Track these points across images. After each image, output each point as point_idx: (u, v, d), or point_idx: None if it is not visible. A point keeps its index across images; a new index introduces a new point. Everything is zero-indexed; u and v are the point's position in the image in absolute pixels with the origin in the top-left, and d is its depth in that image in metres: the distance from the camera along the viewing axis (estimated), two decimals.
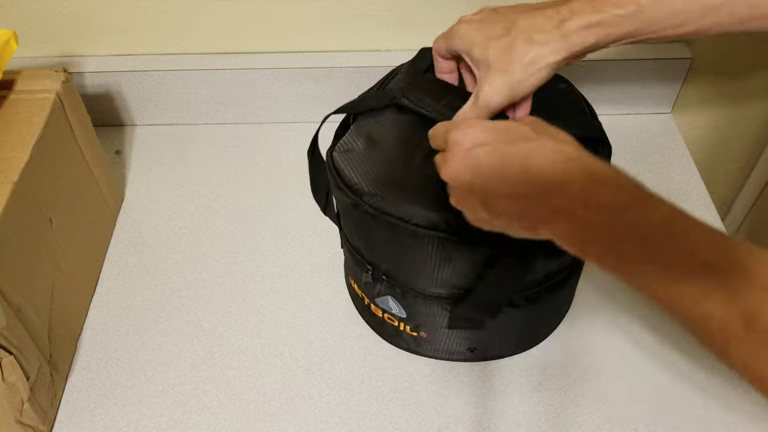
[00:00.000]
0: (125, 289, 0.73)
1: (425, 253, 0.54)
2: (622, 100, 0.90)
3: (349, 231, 0.61)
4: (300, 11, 0.82)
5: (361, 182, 0.54)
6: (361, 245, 0.60)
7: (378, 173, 0.55)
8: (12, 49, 0.63)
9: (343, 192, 0.55)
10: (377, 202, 0.53)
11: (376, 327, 0.68)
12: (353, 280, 0.67)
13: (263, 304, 0.71)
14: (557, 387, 0.65)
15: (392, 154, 0.57)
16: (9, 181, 0.56)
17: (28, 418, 0.59)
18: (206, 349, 0.68)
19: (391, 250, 0.57)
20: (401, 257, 0.57)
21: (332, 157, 0.57)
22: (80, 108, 0.70)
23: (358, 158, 0.56)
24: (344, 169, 0.56)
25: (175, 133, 0.90)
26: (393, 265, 0.58)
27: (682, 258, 0.35)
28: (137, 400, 0.64)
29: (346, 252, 0.65)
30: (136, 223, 0.79)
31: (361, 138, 0.58)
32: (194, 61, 0.85)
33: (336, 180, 0.56)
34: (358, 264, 0.62)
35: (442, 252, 0.53)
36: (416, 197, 0.53)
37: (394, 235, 0.54)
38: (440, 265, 0.55)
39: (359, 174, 0.55)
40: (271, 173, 0.84)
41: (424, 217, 0.52)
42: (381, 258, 0.59)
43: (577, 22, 0.47)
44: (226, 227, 0.78)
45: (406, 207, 0.52)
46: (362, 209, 0.54)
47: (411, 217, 0.52)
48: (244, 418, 0.63)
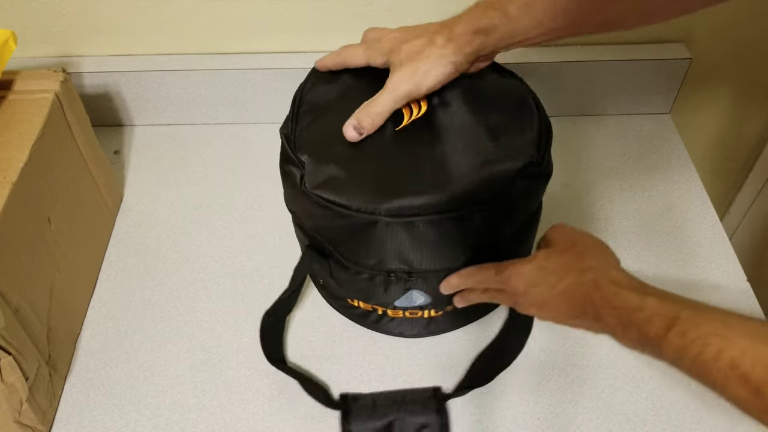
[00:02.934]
0: (124, 289, 0.73)
1: (445, 230, 0.55)
2: (621, 100, 0.90)
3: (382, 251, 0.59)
4: (300, 11, 0.82)
5: (354, 201, 0.54)
6: (381, 258, 0.59)
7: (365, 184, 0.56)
8: (11, 49, 0.63)
9: (352, 216, 0.55)
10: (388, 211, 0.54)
11: (394, 330, 0.68)
12: (359, 301, 0.65)
13: (262, 304, 0.71)
14: (556, 387, 0.65)
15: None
16: (8, 182, 0.56)
17: (27, 418, 0.59)
18: (205, 349, 0.68)
19: (415, 246, 0.56)
20: (423, 248, 0.56)
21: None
22: (79, 108, 0.69)
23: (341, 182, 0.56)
24: (336, 199, 0.55)
25: (175, 133, 0.90)
26: (418, 258, 0.58)
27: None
28: (136, 400, 0.64)
29: (349, 277, 0.62)
30: (135, 223, 0.79)
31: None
32: (193, 61, 0.85)
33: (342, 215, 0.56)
34: (371, 282, 0.61)
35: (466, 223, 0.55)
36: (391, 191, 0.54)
37: (414, 231, 0.54)
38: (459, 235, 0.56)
39: (349, 195, 0.55)
40: (271, 173, 0.84)
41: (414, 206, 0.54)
42: (404, 259, 0.58)
43: (462, 28, 0.57)
44: (225, 227, 0.78)
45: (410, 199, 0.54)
46: (382, 223, 0.54)
47: (418, 210, 0.53)
48: (243, 418, 0.63)
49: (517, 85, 0.63)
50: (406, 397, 0.61)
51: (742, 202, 1.08)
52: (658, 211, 0.80)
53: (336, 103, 0.61)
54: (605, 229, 0.78)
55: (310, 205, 0.57)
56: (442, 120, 0.59)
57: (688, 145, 0.88)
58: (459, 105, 0.60)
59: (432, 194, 0.54)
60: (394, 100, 0.58)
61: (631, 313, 0.44)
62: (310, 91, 0.63)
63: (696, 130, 0.97)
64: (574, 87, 0.87)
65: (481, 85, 0.62)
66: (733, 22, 0.85)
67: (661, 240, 0.77)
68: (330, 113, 0.60)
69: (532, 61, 0.84)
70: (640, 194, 0.81)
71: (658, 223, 0.79)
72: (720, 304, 0.71)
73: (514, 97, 0.62)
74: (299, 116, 0.61)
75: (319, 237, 0.60)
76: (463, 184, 0.54)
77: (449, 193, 0.54)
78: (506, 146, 0.57)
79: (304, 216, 0.61)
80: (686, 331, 0.40)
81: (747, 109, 0.95)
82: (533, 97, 0.62)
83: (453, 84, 0.60)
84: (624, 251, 0.76)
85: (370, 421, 0.59)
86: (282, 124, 0.62)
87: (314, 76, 0.65)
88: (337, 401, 0.61)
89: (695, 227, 0.78)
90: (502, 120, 0.59)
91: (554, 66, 0.85)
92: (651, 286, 0.47)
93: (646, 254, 0.75)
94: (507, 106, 0.61)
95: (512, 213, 0.58)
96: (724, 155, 1.02)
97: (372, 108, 0.58)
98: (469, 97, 0.60)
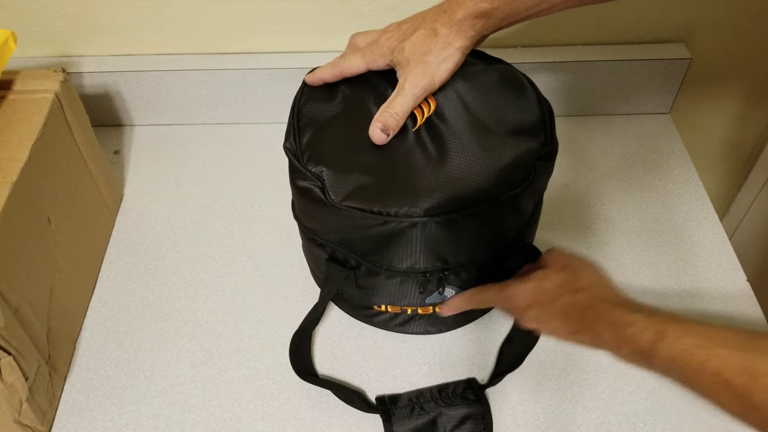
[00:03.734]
0: (124, 289, 0.73)
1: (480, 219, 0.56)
2: (621, 100, 0.90)
3: (427, 250, 0.58)
4: (300, 11, 0.82)
5: (390, 206, 0.54)
6: (440, 255, 0.59)
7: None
8: (11, 48, 0.63)
9: (389, 221, 0.55)
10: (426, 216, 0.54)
11: (419, 329, 0.68)
12: (387, 305, 0.65)
13: (262, 304, 0.71)
14: (556, 387, 0.65)
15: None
16: (8, 181, 0.56)
17: (27, 418, 0.59)
18: (205, 349, 0.68)
19: (452, 242, 0.57)
20: (459, 243, 0.57)
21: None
22: (79, 108, 0.69)
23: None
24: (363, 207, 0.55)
25: (174, 133, 0.90)
26: (454, 254, 0.58)
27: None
28: (136, 400, 0.64)
29: (379, 283, 0.61)
30: (135, 223, 0.79)
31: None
32: (193, 61, 0.85)
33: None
34: (404, 284, 0.61)
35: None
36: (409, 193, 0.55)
37: (451, 227, 0.55)
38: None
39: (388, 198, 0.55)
40: (270, 173, 0.84)
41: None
42: (440, 257, 0.58)
43: (462, 13, 0.56)
44: (225, 227, 0.78)
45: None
46: (419, 224, 0.54)
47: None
48: (243, 418, 0.63)
49: (508, 69, 0.64)
50: (442, 392, 0.62)
51: (742, 202, 1.07)
52: (658, 211, 0.80)
53: (339, 111, 0.61)
54: (605, 229, 0.78)
55: (338, 218, 0.55)
56: (452, 114, 0.59)
57: (688, 145, 0.88)
58: (463, 97, 0.60)
59: (465, 188, 0.54)
60: (413, 98, 0.57)
61: (622, 329, 0.46)
62: (306, 103, 0.62)
63: (696, 130, 0.97)
64: (574, 87, 0.87)
65: (475, 73, 0.62)
66: (734, 22, 0.85)
67: (661, 240, 0.77)
68: (335, 123, 0.60)
69: (533, 61, 0.84)
70: (640, 194, 0.81)
71: (658, 223, 0.79)
72: (720, 304, 0.71)
73: (509, 81, 0.62)
74: (300, 129, 0.60)
75: (342, 249, 0.59)
76: (493, 172, 0.55)
77: (482, 184, 0.54)
78: (518, 130, 0.58)
79: (329, 230, 0.59)
80: (673, 344, 0.43)
81: (747, 109, 0.95)
82: (526, 78, 0.63)
83: (452, 78, 0.59)
84: (624, 251, 0.76)
85: (411, 419, 0.60)
86: (284, 140, 0.60)
87: (307, 88, 0.64)
88: (375, 404, 0.62)
89: (695, 227, 0.78)
90: (507, 105, 0.60)
91: (554, 66, 0.85)
92: (640, 302, 0.49)
93: (646, 254, 0.75)
94: (507, 91, 0.61)
95: (537, 193, 0.60)
96: (724, 155, 1.02)
97: (393, 108, 0.57)
98: (470, 87, 0.60)
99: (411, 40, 0.57)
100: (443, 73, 0.57)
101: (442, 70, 0.57)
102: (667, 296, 0.72)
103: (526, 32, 0.85)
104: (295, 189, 0.60)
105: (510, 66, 0.65)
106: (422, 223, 0.54)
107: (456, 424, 0.60)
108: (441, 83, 0.58)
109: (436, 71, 0.57)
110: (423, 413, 0.61)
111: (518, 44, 0.87)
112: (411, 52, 0.57)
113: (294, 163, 0.58)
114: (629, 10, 0.84)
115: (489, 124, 0.58)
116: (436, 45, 0.57)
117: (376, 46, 0.60)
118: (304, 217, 0.62)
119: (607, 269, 0.73)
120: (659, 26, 0.85)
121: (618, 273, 0.74)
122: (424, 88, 0.57)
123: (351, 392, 0.63)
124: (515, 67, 0.64)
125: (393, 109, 0.57)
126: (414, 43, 0.57)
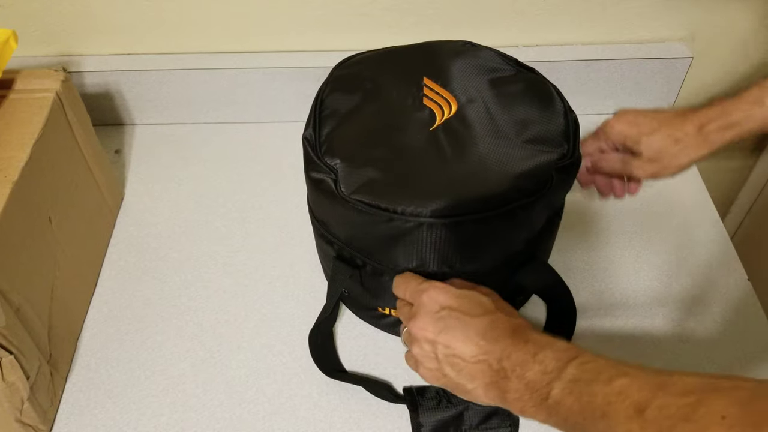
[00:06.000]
0: (125, 288, 0.73)
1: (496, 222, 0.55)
2: (622, 100, 0.90)
3: (444, 254, 0.57)
4: (300, 11, 0.82)
5: (397, 204, 0.53)
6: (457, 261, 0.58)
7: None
8: (11, 48, 0.63)
9: (395, 219, 0.54)
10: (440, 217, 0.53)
11: None
12: (392, 309, 0.64)
13: (263, 303, 0.71)
14: None
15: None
16: (9, 181, 0.56)
17: (28, 417, 0.59)
18: (206, 349, 0.68)
19: (458, 246, 0.56)
20: (466, 248, 0.56)
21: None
22: (80, 107, 0.69)
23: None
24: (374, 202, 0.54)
25: (175, 132, 0.90)
26: (460, 259, 0.57)
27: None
28: (137, 400, 0.64)
29: (383, 284, 0.60)
30: (136, 222, 0.79)
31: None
32: (194, 61, 0.85)
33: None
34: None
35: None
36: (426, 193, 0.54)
37: (459, 230, 0.54)
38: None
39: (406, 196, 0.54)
40: (271, 173, 0.84)
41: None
42: (446, 261, 0.57)
43: (715, 125, 0.61)
44: (225, 227, 0.78)
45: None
46: (426, 225, 0.53)
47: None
48: (244, 418, 0.63)
49: (538, 79, 0.64)
50: None
51: (743, 201, 1.07)
52: (658, 210, 0.80)
53: (362, 105, 0.60)
54: (605, 229, 0.78)
55: (347, 212, 0.55)
56: (473, 118, 0.59)
57: None
58: (487, 102, 0.60)
59: (476, 192, 0.53)
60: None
61: (541, 348, 0.46)
62: (330, 95, 0.62)
63: None
64: (575, 86, 0.87)
65: (504, 80, 0.62)
66: (734, 22, 0.85)
67: (662, 240, 0.77)
68: (357, 117, 0.59)
69: (532, 61, 0.84)
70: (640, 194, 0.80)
71: (659, 222, 0.79)
72: (721, 304, 0.71)
73: (537, 90, 0.62)
74: (321, 120, 0.60)
75: (349, 247, 0.59)
76: (506, 179, 0.54)
77: (493, 189, 0.54)
78: (539, 140, 0.58)
79: (339, 224, 0.59)
80: (585, 363, 0.43)
81: None
82: (555, 89, 0.63)
83: (479, 81, 0.59)
84: (624, 250, 0.76)
85: (438, 412, 0.60)
86: (304, 130, 0.60)
87: (333, 80, 0.64)
88: (402, 395, 0.62)
89: (696, 227, 0.78)
90: (531, 114, 0.60)
91: (554, 65, 0.85)
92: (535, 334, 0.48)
93: (646, 254, 0.75)
94: (532, 100, 0.61)
95: (551, 206, 0.59)
96: (726, 154, 1.02)
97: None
98: (496, 92, 0.60)
99: (651, 137, 0.64)
100: (667, 174, 0.66)
101: (668, 173, 0.66)
102: (668, 296, 0.72)
103: (526, 32, 0.85)
104: (309, 180, 0.59)
105: (540, 75, 0.64)
106: (429, 224, 0.53)
107: (482, 419, 0.60)
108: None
109: (661, 173, 0.66)
110: (450, 406, 0.60)
111: (518, 44, 0.87)
112: (646, 147, 0.64)
113: (310, 154, 0.58)
114: (630, 10, 0.83)
115: (508, 132, 0.58)
116: (673, 150, 0.63)
117: (614, 127, 0.68)
118: (317, 210, 0.62)
119: (607, 269, 0.74)
120: (661, 25, 0.85)
121: (618, 273, 0.74)
122: (645, 177, 0.66)
123: (379, 384, 0.63)
124: (545, 78, 0.64)
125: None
126: (653, 141, 0.64)
